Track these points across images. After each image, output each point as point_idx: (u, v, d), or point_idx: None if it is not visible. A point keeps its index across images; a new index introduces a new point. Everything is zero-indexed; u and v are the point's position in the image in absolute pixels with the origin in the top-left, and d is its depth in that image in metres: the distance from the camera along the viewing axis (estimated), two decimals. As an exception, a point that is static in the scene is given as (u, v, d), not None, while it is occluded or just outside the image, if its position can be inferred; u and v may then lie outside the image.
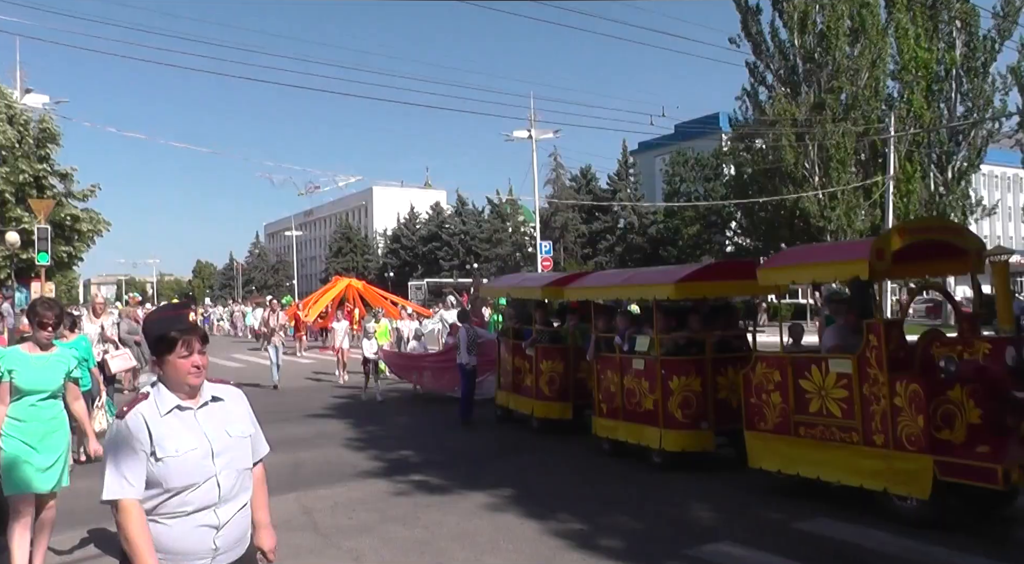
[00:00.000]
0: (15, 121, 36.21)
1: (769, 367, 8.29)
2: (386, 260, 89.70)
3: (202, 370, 3.06)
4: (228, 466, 3.05)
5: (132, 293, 63.51)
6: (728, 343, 10.13)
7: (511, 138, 40.23)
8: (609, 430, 10.54)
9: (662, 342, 9.78)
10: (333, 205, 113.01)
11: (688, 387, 9.53)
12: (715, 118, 59.21)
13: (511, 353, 13.27)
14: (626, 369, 10.26)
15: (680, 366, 9.62)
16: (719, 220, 53.81)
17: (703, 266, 10.62)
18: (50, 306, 5.76)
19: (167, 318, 3.14)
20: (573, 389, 12.09)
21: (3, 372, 5.59)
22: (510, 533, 7.15)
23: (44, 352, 5.74)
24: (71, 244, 36.69)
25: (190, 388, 3.05)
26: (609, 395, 10.57)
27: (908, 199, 37.10)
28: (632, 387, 10.14)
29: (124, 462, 2.91)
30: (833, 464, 7.56)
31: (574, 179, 66.74)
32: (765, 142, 39.70)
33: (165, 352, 3.03)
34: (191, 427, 3.02)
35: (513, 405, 13.18)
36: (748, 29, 39.65)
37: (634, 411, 10.07)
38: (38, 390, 5.67)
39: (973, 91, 38.59)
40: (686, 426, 9.48)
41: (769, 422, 8.24)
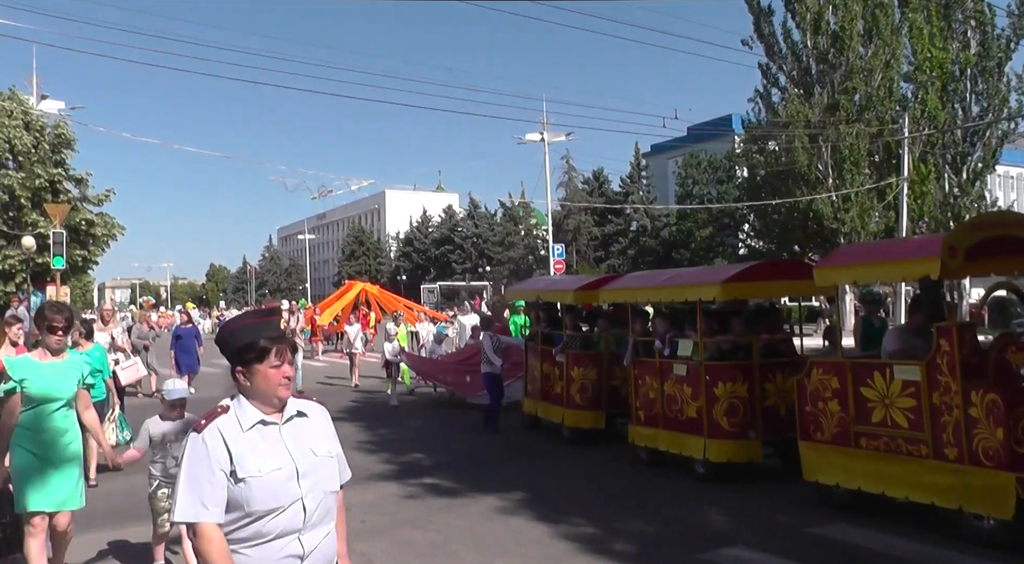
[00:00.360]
0: (31, 127, 36.52)
1: (826, 373, 7.77)
2: (398, 263, 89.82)
3: (291, 382, 2.82)
4: (314, 488, 2.77)
5: (146, 297, 63.85)
6: (774, 347, 9.63)
7: (523, 141, 40.26)
8: (647, 439, 10.01)
9: (706, 346, 9.27)
10: (346, 209, 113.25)
11: (734, 394, 8.97)
12: (728, 120, 58.98)
13: (539, 359, 12.66)
14: (666, 375, 9.74)
15: (726, 371, 9.07)
16: (732, 223, 53.64)
17: (750, 266, 10.15)
18: (59, 310, 5.51)
19: (256, 325, 2.83)
20: (606, 397, 11.48)
21: (14, 383, 5.28)
22: (521, 536, 7.15)
23: (55, 359, 5.43)
24: (86, 248, 36.96)
25: (279, 401, 2.79)
26: (648, 402, 10.05)
27: (922, 200, 36.86)
28: (673, 394, 9.63)
29: (200, 482, 2.62)
30: (899, 479, 7.01)
31: (586, 182, 66.71)
32: (778, 144, 39.53)
33: (254, 362, 2.75)
34: (275, 445, 2.75)
35: (542, 413, 12.56)
36: (761, 30, 39.49)
37: (675, 419, 9.55)
38: (51, 398, 5.35)
39: (988, 91, 38.31)
40: (732, 435, 8.92)
41: (826, 432, 7.74)
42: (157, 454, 5.96)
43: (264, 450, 2.71)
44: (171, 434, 5.89)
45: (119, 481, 8.84)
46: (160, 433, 5.93)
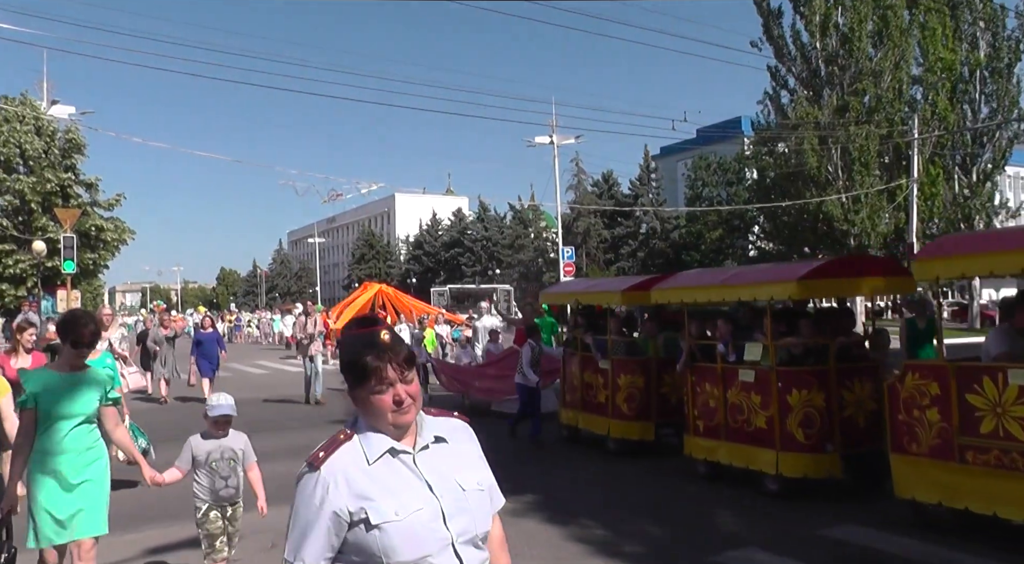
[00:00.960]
0: (42, 132, 36.75)
1: (923, 378, 7.02)
2: (408, 266, 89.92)
3: (414, 402, 2.27)
4: (466, 531, 2.26)
5: (157, 301, 64.02)
6: (847, 351, 8.78)
7: (533, 144, 40.32)
8: (707, 451, 9.24)
9: (777, 350, 8.52)
10: (356, 212, 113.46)
11: (810, 402, 8.19)
12: (737, 122, 58.90)
13: (580, 366, 11.77)
14: (730, 381, 8.95)
15: (800, 378, 8.31)
16: (742, 224, 53.60)
17: (828, 261, 9.55)
18: (86, 322, 4.91)
19: (356, 338, 2.32)
20: (655, 406, 10.72)
21: (27, 397, 4.76)
22: (532, 538, 7.15)
23: (74, 371, 4.92)
24: (96, 252, 37.19)
25: (395, 430, 2.26)
26: (708, 411, 9.24)
27: (932, 202, 36.83)
28: (738, 402, 8.83)
29: (306, 532, 2.17)
30: (1015, 499, 6.25)
31: (596, 184, 66.72)
32: (787, 146, 39.49)
33: (356, 384, 2.27)
34: (410, 480, 2.23)
35: (583, 424, 11.67)
36: (770, 32, 39.48)
37: (740, 430, 8.76)
38: (71, 415, 4.80)
39: (998, 92, 38.28)
40: (808, 448, 8.16)
41: (923, 444, 6.97)
42: (202, 475, 5.46)
43: (398, 487, 2.21)
44: (216, 453, 5.45)
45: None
46: (204, 452, 5.45)
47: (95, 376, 5.04)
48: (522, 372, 12.17)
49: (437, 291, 60.12)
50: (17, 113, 35.71)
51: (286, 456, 11.16)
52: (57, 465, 4.75)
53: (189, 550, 6.90)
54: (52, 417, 4.77)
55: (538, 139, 40.06)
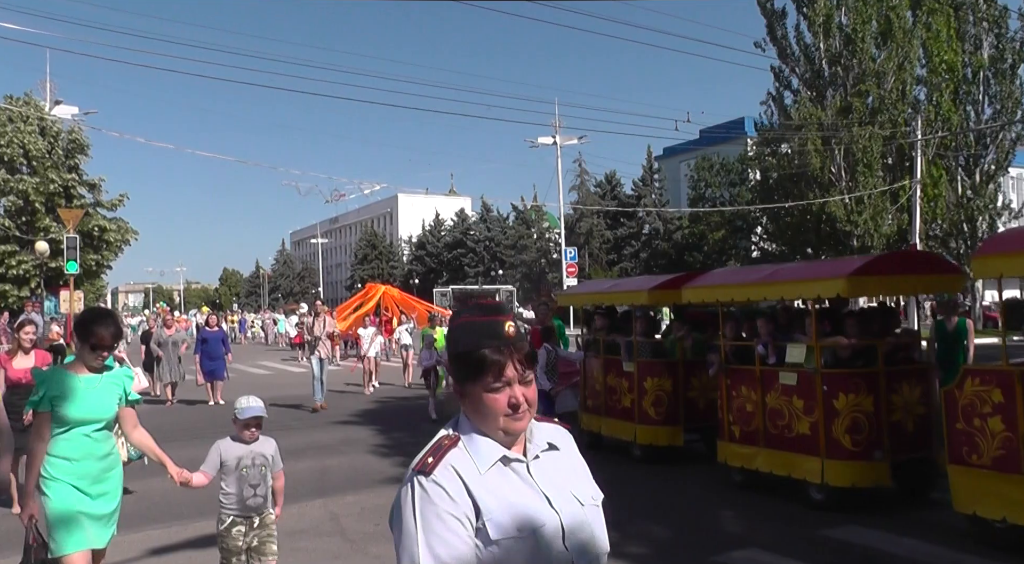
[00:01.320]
0: (46, 132, 36.80)
1: (984, 384, 6.56)
2: (411, 267, 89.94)
3: (530, 408, 2.00)
4: (585, 550, 2.03)
5: (160, 303, 64.12)
6: (894, 352, 8.28)
7: (536, 144, 40.40)
8: (744, 458, 8.72)
9: (822, 351, 8.01)
10: (358, 212, 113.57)
11: (858, 407, 7.69)
12: (740, 123, 58.90)
13: (603, 370, 11.26)
14: (770, 385, 8.44)
15: (847, 381, 7.82)
16: (745, 225, 53.53)
17: (877, 257, 9.16)
18: (108, 323, 4.65)
19: (476, 327, 2.04)
20: (684, 411, 10.24)
21: (42, 398, 4.51)
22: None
23: (93, 373, 4.67)
24: (99, 253, 37.22)
25: (504, 435, 2.00)
26: (744, 416, 8.73)
27: (935, 203, 36.77)
28: (779, 407, 8.31)
29: (441, 541, 1.87)
30: None
31: (599, 185, 66.71)
32: (790, 146, 39.46)
33: (467, 378, 2.00)
34: (526, 492, 1.98)
35: (606, 430, 11.13)
36: (773, 33, 39.42)
37: (781, 436, 8.26)
38: (90, 419, 4.57)
39: (1001, 93, 38.22)
40: (856, 455, 7.67)
41: (985, 456, 6.49)
42: (229, 482, 5.11)
43: (515, 500, 1.96)
44: (247, 459, 5.12)
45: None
46: (234, 457, 5.11)
47: (114, 379, 4.77)
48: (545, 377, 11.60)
49: (440, 292, 60.21)
50: (21, 113, 35.75)
51: (288, 457, 11.20)
52: (73, 472, 4.50)
53: (191, 550, 6.92)
54: (69, 422, 4.52)
55: (541, 140, 40.13)
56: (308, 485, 8.91)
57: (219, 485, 5.10)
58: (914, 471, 7.88)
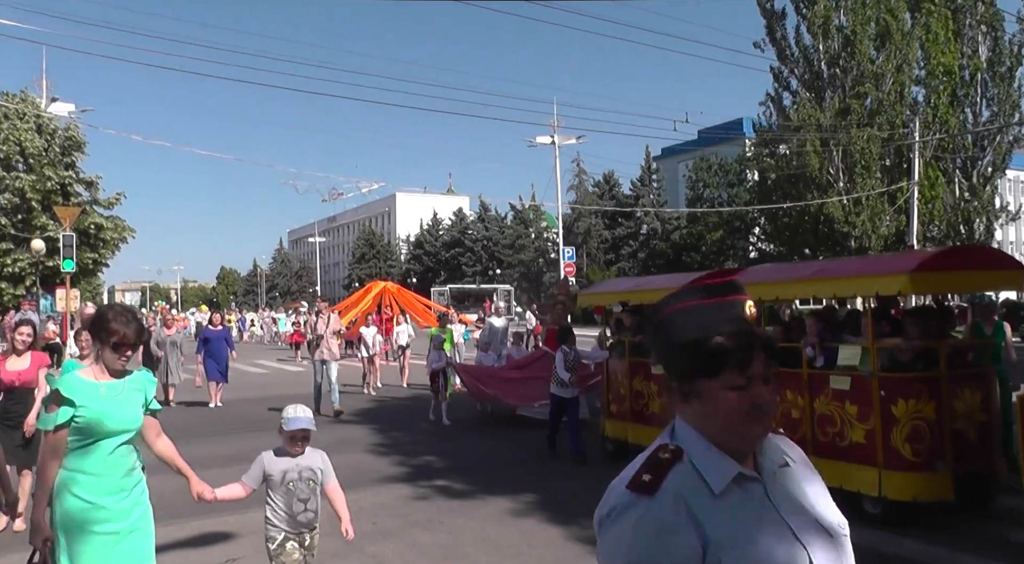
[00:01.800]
0: (43, 129, 36.72)
1: None
2: (409, 266, 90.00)
3: (769, 415, 1.65)
4: None
5: (158, 302, 64.08)
6: (955, 356, 7.73)
7: (534, 144, 40.39)
8: None
9: (879, 353, 7.37)
10: (356, 211, 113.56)
11: (919, 414, 7.06)
12: (739, 124, 58.97)
13: (629, 374, 10.60)
14: (819, 389, 7.85)
15: (908, 386, 7.20)
16: (742, 226, 53.61)
17: (939, 251, 8.63)
18: (129, 319, 4.11)
19: (708, 309, 1.68)
20: None
21: (62, 411, 3.94)
22: (533, 538, 7.12)
23: (114, 378, 4.14)
24: (96, 251, 37.15)
25: (744, 444, 1.65)
26: (789, 423, 8.05)
27: (933, 204, 36.84)
28: (829, 413, 7.73)
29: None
30: None
31: (597, 185, 66.84)
32: (789, 147, 39.50)
33: (697, 374, 1.65)
34: (768, 519, 1.61)
35: (634, 438, 10.42)
36: (773, 34, 39.47)
37: (832, 445, 7.65)
38: (115, 431, 4.04)
39: (999, 96, 38.32)
40: (917, 467, 7.07)
41: None
42: (278, 498, 4.72)
43: (756, 529, 1.58)
44: (293, 472, 4.73)
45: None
46: (279, 471, 4.72)
47: (137, 384, 4.24)
48: (559, 381, 11.00)
49: (437, 291, 60.24)
50: (17, 110, 35.68)
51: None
52: (94, 489, 3.98)
53: (188, 549, 6.88)
54: (90, 434, 3.96)
55: (539, 139, 40.12)
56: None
57: (266, 501, 4.75)
58: (974, 484, 7.33)
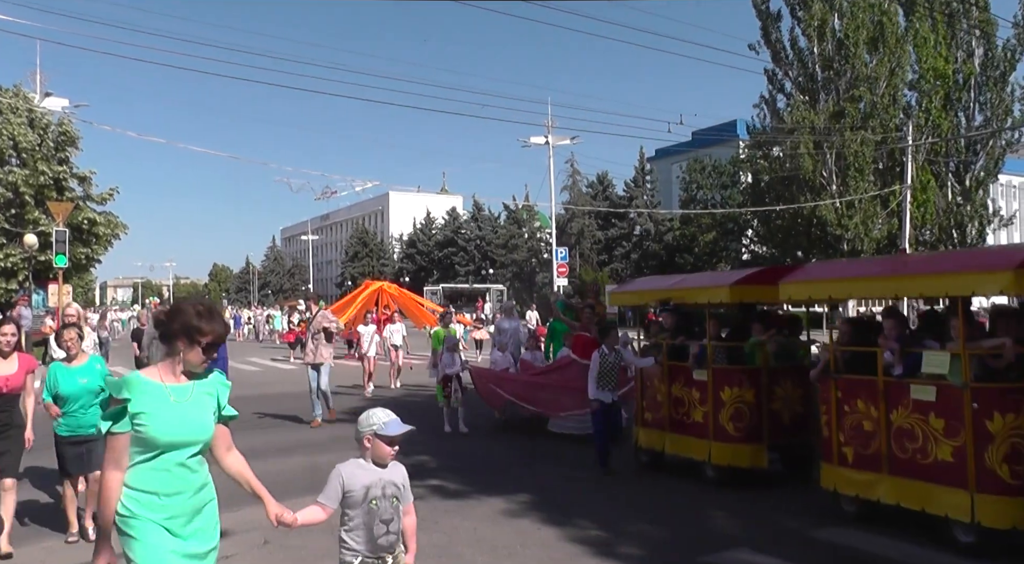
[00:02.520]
0: (36, 124, 36.56)
1: None
2: (402, 265, 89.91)
3: None
4: None
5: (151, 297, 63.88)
6: None
7: (528, 144, 40.42)
8: (859, 486, 7.35)
9: (971, 360, 6.61)
10: (349, 210, 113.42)
11: (1018, 430, 6.38)
12: (732, 125, 59.04)
13: (667, 379, 9.80)
14: (897, 399, 7.07)
15: (1005, 398, 6.46)
16: (735, 227, 53.66)
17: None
18: (215, 315, 3.64)
19: None
20: (768, 426, 8.96)
21: (117, 414, 3.45)
22: (528, 538, 7.14)
23: (182, 381, 3.61)
24: (88, 247, 36.98)
25: None
26: (860, 436, 7.36)
27: (925, 208, 36.96)
28: (910, 427, 6.93)
29: None
30: None
31: (591, 185, 66.83)
32: (783, 150, 39.58)
33: None
34: None
35: (671, 448, 9.72)
36: (768, 36, 39.55)
37: (912, 462, 6.90)
38: (185, 442, 3.51)
39: (992, 101, 38.46)
40: (1016, 490, 6.32)
41: None
42: (357, 518, 4.05)
43: None
44: (376, 489, 4.06)
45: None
46: (361, 487, 4.04)
47: (207, 388, 3.69)
48: (595, 385, 9.94)
49: (430, 290, 60.22)
50: (10, 105, 35.52)
51: (278, 453, 11.16)
52: (163, 509, 3.47)
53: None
54: (157, 446, 3.45)
55: (534, 139, 40.18)
56: (299, 482, 8.85)
57: (342, 521, 4.11)
58: None
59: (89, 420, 6.97)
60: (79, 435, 7.10)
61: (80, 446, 7.14)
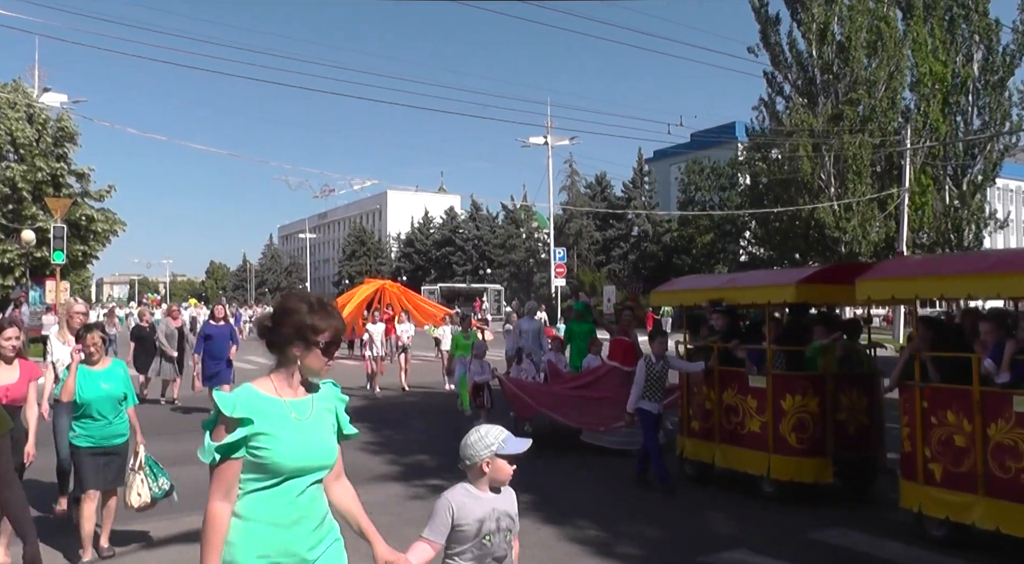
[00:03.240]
0: (34, 119, 36.50)
1: None
2: (399, 264, 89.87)
3: None
4: None
5: (149, 294, 63.75)
6: None
7: (527, 144, 40.46)
8: (951, 508, 6.60)
9: None
10: (347, 208, 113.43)
11: None
12: (731, 127, 59.13)
13: (718, 385, 9.13)
14: (996, 412, 6.36)
15: None
16: (733, 229, 53.70)
17: None
18: (330, 309, 3.02)
19: None
20: (833, 438, 8.27)
21: (238, 437, 2.80)
22: (526, 538, 7.11)
23: (301, 394, 3.02)
24: (86, 243, 36.91)
25: None
26: (950, 452, 6.64)
27: (923, 211, 37.06)
28: (1012, 443, 6.24)
29: None
30: None
31: (589, 186, 66.85)
32: (781, 152, 39.66)
33: None
34: None
35: (723, 460, 9.03)
36: (767, 39, 39.66)
37: (1015, 483, 6.20)
38: (309, 468, 2.93)
39: (991, 105, 38.58)
40: None
41: None
42: (464, 554, 3.48)
43: None
44: (490, 521, 3.47)
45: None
46: (474, 520, 3.44)
47: (326, 400, 3.11)
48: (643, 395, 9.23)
49: (428, 289, 60.20)
50: (8, 100, 35.46)
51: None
52: (282, 544, 2.89)
53: (183, 545, 6.88)
54: (275, 472, 2.85)
55: (533, 139, 40.23)
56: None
57: (448, 557, 3.51)
58: None
59: (114, 430, 6.40)
60: (100, 447, 6.36)
61: (100, 458, 6.38)
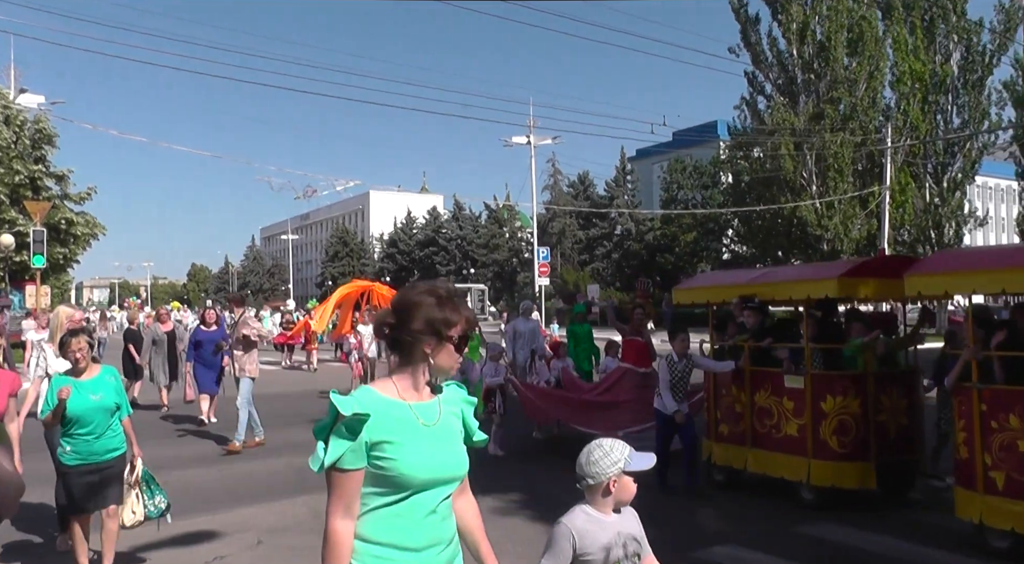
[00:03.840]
0: (11, 121, 36.11)
1: None
2: (382, 265, 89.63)
3: None
4: None
5: (131, 297, 63.23)
6: None
7: (510, 144, 40.44)
8: (1016, 520, 6.12)
9: None
10: (330, 209, 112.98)
11: None
12: (713, 126, 59.38)
13: (749, 387, 8.64)
14: None
15: None
16: (716, 227, 53.94)
17: None
18: (458, 300, 2.64)
19: None
20: (875, 441, 7.79)
21: (360, 442, 2.42)
22: (518, 536, 7.16)
23: (425, 396, 2.62)
24: (66, 247, 36.57)
25: None
26: (1013, 459, 6.18)
27: (903, 209, 37.33)
28: None
29: None
30: None
31: (572, 185, 66.95)
32: (763, 151, 39.85)
33: None
34: None
35: (755, 466, 8.51)
36: (748, 39, 39.84)
37: None
38: (442, 480, 2.56)
39: (970, 104, 38.91)
40: None
41: None
42: None
43: None
44: (617, 548, 3.10)
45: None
46: (600, 548, 3.06)
47: (452, 404, 2.71)
48: (660, 395, 8.89)
49: (411, 290, 59.95)
50: (-16, 101, 35.10)
51: (266, 454, 11.14)
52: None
53: (179, 547, 6.86)
54: (403, 486, 2.48)
55: (515, 139, 40.20)
56: (289, 482, 8.83)
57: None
58: None
59: (104, 445, 5.80)
60: (91, 463, 5.76)
61: (92, 475, 5.77)
